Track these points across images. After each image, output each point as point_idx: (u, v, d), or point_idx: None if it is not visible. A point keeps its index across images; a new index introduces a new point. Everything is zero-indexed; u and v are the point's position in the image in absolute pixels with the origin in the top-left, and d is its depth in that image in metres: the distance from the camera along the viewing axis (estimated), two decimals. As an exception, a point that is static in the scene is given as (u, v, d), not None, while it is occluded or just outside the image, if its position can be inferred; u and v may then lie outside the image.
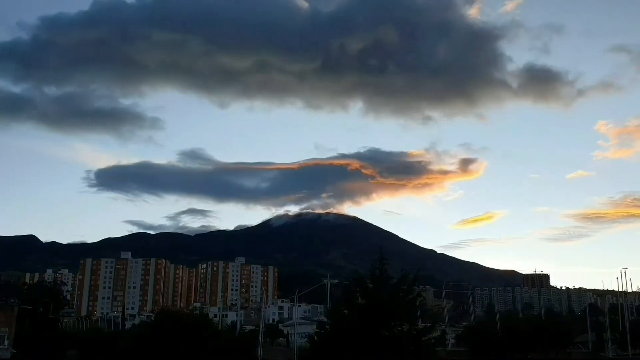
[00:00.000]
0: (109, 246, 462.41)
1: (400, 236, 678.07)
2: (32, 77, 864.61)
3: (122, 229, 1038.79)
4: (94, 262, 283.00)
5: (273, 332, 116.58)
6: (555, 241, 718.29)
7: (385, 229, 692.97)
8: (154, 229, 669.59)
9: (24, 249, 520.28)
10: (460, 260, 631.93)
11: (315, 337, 43.44)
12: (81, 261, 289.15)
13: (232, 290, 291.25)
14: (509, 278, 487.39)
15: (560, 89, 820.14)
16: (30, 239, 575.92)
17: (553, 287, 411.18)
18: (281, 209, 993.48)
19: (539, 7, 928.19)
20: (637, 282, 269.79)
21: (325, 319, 47.06)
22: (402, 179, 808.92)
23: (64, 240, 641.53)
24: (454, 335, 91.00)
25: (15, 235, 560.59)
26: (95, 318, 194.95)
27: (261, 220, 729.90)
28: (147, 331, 64.99)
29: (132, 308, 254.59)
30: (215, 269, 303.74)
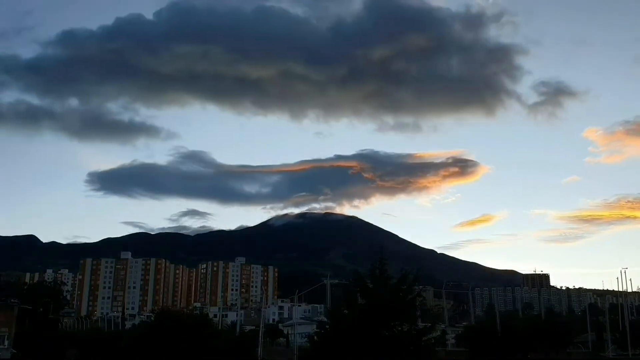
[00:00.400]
0: (109, 246, 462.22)
1: (400, 236, 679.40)
2: (55, 91, 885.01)
3: (122, 229, 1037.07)
4: (94, 262, 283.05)
5: (273, 332, 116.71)
6: (553, 242, 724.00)
7: (385, 229, 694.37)
8: (154, 230, 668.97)
9: (24, 249, 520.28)
10: (460, 261, 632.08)
11: (315, 337, 43.44)
12: (81, 261, 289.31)
13: (232, 290, 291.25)
14: (509, 278, 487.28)
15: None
16: (30, 239, 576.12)
17: (553, 287, 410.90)
18: (281, 209, 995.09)
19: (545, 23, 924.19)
20: (637, 282, 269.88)
21: (325, 319, 47.08)
22: (402, 181, 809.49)
23: (64, 240, 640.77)
24: (454, 335, 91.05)
25: (15, 235, 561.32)
26: (95, 318, 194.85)
27: (261, 221, 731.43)
28: (147, 331, 65.00)
29: (132, 308, 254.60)
30: (215, 269, 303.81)
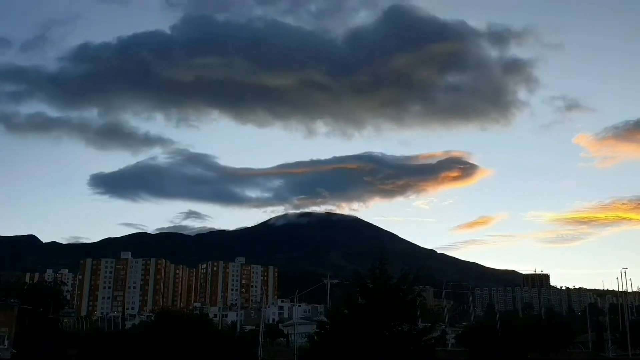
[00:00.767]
0: (109, 246, 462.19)
1: (400, 236, 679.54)
2: (70, 100, 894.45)
3: (122, 230, 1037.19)
4: (94, 262, 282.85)
5: (273, 332, 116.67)
6: (550, 243, 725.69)
7: (385, 229, 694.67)
8: (154, 230, 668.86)
9: (24, 249, 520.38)
10: (460, 261, 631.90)
11: (315, 337, 43.46)
12: (81, 261, 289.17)
13: (232, 290, 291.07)
14: (509, 278, 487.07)
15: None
16: (30, 239, 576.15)
17: (553, 287, 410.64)
18: (282, 211, 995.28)
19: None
20: (637, 282, 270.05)
21: (325, 319, 47.01)
22: (402, 184, 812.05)
23: (64, 240, 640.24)
24: (454, 335, 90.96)
25: (15, 235, 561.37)
26: (95, 318, 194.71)
27: (261, 221, 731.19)
28: (147, 331, 65.06)
29: (132, 308, 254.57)
30: (215, 269, 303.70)
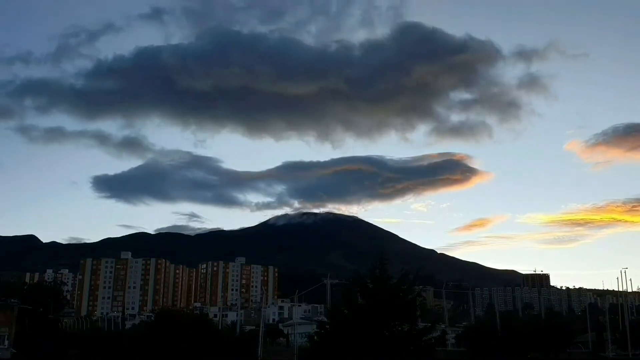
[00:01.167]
0: (109, 246, 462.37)
1: (400, 236, 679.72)
2: (91, 115, 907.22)
3: (122, 230, 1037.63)
4: (94, 262, 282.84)
5: (273, 332, 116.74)
6: (549, 244, 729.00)
7: (385, 229, 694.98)
8: (154, 230, 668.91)
9: (24, 249, 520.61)
10: (460, 261, 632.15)
11: (315, 337, 43.43)
12: (81, 261, 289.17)
13: (232, 290, 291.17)
14: (509, 278, 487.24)
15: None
16: (31, 239, 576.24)
17: (553, 287, 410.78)
18: (282, 209, 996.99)
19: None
20: (637, 282, 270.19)
21: (325, 319, 47.02)
22: (402, 185, 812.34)
23: (64, 240, 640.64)
24: (454, 335, 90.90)
25: (15, 235, 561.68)
26: (95, 318, 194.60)
27: (261, 221, 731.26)
28: (148, 331, 65.08)
29: (132, 308, 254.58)
30: (215, 269, 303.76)
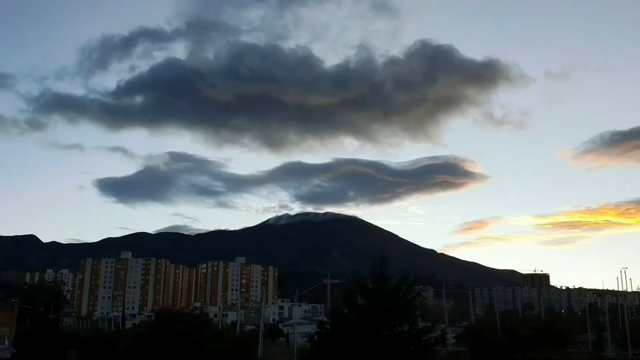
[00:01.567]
0: (109, 246, 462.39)
1: (400, 236, 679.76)
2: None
3: (122, 230, 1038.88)
4: (94, 262, 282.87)
5: (273, 332, 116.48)
6: (547, 245, 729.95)
7: (385, 229, 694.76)
8: (154, 230, 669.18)
9: (24, 249, 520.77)
10: (460, 261, 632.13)
11: (315, 337, 43.38)
12: (81, 261, 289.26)
13: (232, 290, 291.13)
14: (509, 278, 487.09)
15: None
16: (31, 239, 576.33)
17: (553, 287, 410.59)
18: (281, 209, 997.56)
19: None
20: (637, 282, 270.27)
21: (325, 319, 46.98)
22: (402, 188, 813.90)
23: (64, 240, 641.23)
24: (454, 335, 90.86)
25: (15, 235, 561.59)
26: (95, 318, 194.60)
27: (261, 221, 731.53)
28: (148, 331, 65.04)
29: (132, 308, 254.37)
30: (215, 269, 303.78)
